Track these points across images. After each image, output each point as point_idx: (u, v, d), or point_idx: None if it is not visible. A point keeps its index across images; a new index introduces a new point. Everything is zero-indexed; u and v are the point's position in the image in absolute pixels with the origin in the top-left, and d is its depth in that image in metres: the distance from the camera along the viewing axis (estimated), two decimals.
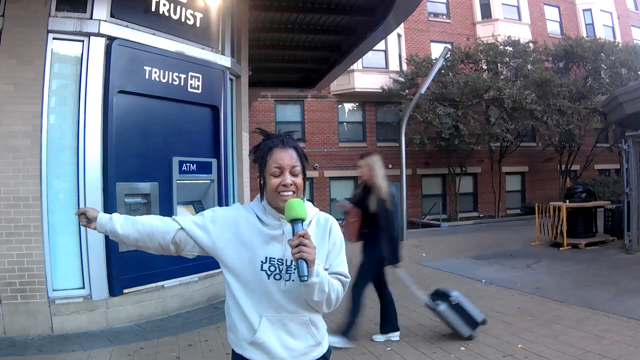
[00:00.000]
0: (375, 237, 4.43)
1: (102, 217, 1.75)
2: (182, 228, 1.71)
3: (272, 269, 1.63)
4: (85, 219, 1.77)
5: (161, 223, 1.74)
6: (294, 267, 1.61)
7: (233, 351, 1.71)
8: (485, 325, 4.59)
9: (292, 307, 1.64)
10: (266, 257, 1.64)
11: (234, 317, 1.67)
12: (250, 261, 1.64)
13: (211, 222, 1.70)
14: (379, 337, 4.56)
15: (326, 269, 1.67)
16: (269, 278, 1.63)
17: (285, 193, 1.63)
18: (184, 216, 1.77)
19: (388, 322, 4.57)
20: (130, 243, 1.75)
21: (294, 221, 1.56)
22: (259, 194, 1.75)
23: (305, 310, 1.66)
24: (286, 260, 1.64)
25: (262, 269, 1.63)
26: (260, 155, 1.70)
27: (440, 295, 4.61)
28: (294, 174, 1.66)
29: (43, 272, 4.71)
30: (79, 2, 5.08)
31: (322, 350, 1.73)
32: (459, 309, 4.48)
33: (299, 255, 1.50)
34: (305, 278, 1.51)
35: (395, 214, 4.54)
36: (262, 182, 1.69)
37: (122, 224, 1.73)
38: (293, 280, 1.62)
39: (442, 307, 4.50)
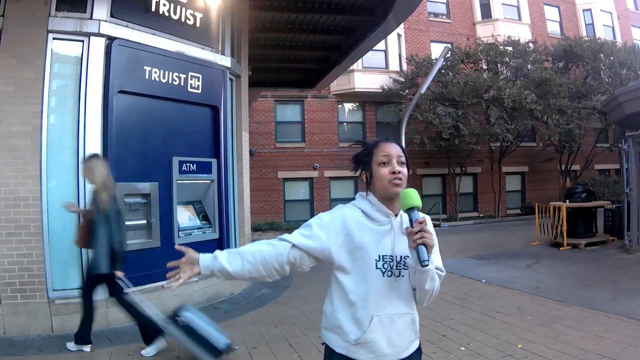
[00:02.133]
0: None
1: (205, 259, 1.67)
2: (294, 245, 1.68)
3: (385, 266, 1.66)
4: (187, 266, 1.66)
5: (270, 247, 1.69)
6: (404, 262, 1.67)
7: (332, 352, 1.71)
8: (235, 352, 4.06)
9: (401, 305, 1.68)
10: (379, 255, 1.66)
11: (340, 319, 1.68)
12: (365, 261, 1.66)
13: (321, 230, 1.69)
14: (71, 346, 4.24)
15: None
16: (383, 276, 1.66)
17: (396, 180, 1.67)
18: (289, 234, 1.73)
19: (81, 331, 4.24)
20: (242, 277, 1.69)
21: (411, 209, 1.60)
22: (358, 194, 1.78)
23: (412, 307, 1.72)
24: (396, 256, 1.68)
25: (376, 267, 1.66)
26: (366, 152, 1.75)
27: (174, 313, 4.02)
28: (400, 164, 1.70)
29: (43, 272, 4.71)
30: (79, 2, 5.09)
31: (417, 342, 1.78)
32: (190, 331, 3.87)
33: (421, 241, 1.54)
34: (427, 263, 1.54)
35: (117, 221, 4.16)
36: (369, 176, 1.73)
37: (229, 259, 1.68)
38: (403, 276, 1.68)
39: (171, 328, 3.96)
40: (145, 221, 5.47)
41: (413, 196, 1.60)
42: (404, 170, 1.70)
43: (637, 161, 8.91)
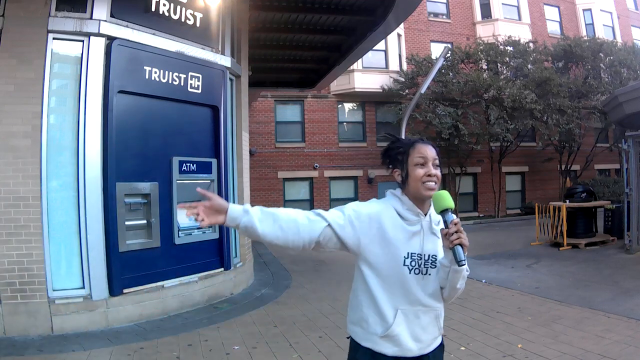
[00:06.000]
0: None
1: (234, 210, 1.62)
2: (329, 225, 1.67)
3: (413, 264, 1.70)
4: (210, 211, 1.65)
5: (306, 220, 1.66)
6: (431, 261, 1.72)
7: (357, 345, 1.73)
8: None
9: (427, 301, 1.71)
10: (408, 253, 1.69)
11: (365, 312, 1.71)
12: (394, 257, 1.68)
13: (356, 219, 1.69)
14: None
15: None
16: (410, 273, 1.69)
17: (430, 183, 1.70)
18: (326, 212, 1.71)
19: None
20: (266, 240, 1.64)
21: (445, 211, 1.65)
22: (389, 192, 1.80)
23: (437, 303, 1.75)
24: (424, 255, 1.71)
25: (404, 264, 1.69)
26: (401, 150, 1.76)
27: None
28: (435, 167, 1.74)
29: (43, 272, 4.71)
30: (79, 2, 5.08)
31: (440, 338, 1.82)
32: None
33: (458, 242, 1.59)
34: (464, 262, 1.59)
35: None
36: (404, 175, 1.74)
37: (262, 219, 1.62)
38: (430, 274, 1.72)
39: None
40: (145, 221, 5.47)
41: (446, 198, 1.64)
42: (439, 173, 1.73)
43: (637, 161, 8.92)
